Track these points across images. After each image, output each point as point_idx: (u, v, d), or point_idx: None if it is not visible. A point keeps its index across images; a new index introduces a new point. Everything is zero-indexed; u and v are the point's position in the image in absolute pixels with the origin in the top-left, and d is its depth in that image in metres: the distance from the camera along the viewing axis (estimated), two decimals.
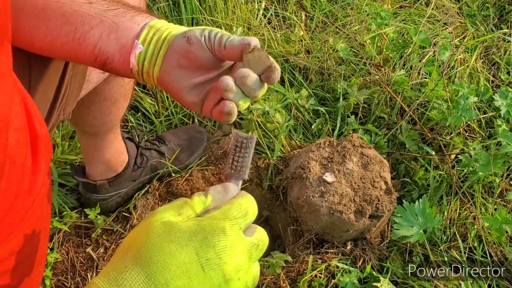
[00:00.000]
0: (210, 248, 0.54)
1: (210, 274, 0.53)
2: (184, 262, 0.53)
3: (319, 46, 1.83)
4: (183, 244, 0.54)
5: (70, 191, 1.53)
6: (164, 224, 0.56)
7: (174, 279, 0.52)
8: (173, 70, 0.71)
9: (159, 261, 0.53)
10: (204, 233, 0.55)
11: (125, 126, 1.67)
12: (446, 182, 1.48)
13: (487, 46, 1.92)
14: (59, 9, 0.75)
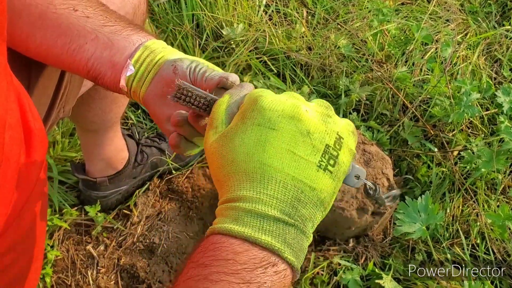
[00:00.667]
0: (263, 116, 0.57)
1: (282, 128, 0.56)
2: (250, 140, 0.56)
3: (321, 42, 1.82)
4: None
5: (70, 189, 1.52)
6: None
7: (259, 154, 0.55)
8: (157, 96, 0.71)
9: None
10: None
11: (125, 123, 1.66)
12: (448, 179, 1.47)
13: (489, 43, 1.91)
14: (56, 20, 0.75)
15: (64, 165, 1.52)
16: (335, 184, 0.56)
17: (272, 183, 0.53)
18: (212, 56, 1.80)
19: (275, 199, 0.52)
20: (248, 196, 0.53)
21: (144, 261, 1.39)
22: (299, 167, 0.54)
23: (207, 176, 1.54)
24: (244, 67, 1.76)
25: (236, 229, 0.51)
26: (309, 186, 0.54)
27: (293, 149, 0.54)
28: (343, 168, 0.57)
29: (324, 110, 0.59)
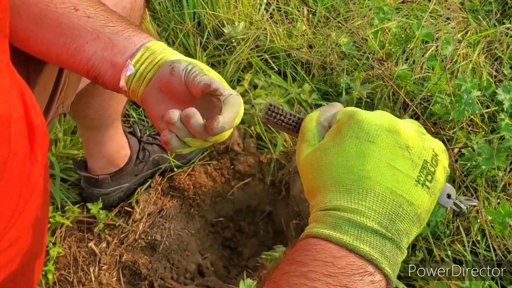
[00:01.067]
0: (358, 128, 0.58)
1: (382, 140, 0.56)
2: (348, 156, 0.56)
3: (322, 40, 1.83)
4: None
5: (72, 186, 1.53)
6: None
7: (358, 167, 0.55)
8: (154, 95, 0.72)
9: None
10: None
11: (127, 121, 1.66)
12: (449, 176, 1.48)
13: (489, 41, 1.91)
14: (57, 19, 0.75)
15: (66, 162, 1.53)
16: (431, 200, 0.56)
17: (371, 195, 0.53)
18: (213, 54, 1.81)
19: (373, 211, 0.53)
20: (346, 207, 0.53)
21: (146, 258, 1.40)
22: (398, 180, 0.54)
23: (209, 173, 1.54)
24: (245, 65, 1.76)
25: (335, 235, 0.52)
26: (407, 201, 0.54)
27: (392, 163, 0.54)
28: (439, 185, 0.57)
29: (418, 127, 0.59)
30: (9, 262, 0.66)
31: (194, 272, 1.41)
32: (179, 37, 1.81)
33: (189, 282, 1.37)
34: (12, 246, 0.65)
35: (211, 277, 1.39)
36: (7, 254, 0.65)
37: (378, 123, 0.56)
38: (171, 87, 0.71)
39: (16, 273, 0.69)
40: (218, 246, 1.52)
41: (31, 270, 0.76)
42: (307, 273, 0.49)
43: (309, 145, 0.60)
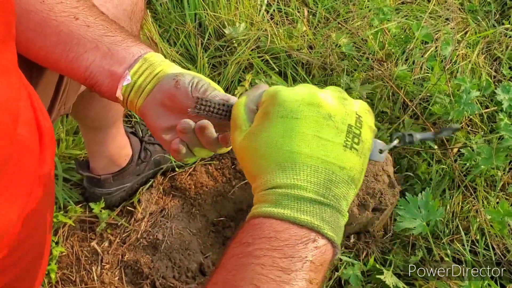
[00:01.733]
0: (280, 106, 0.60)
1: (306, 113, 0.59)
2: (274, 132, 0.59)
3: (322, 41, 1.84)
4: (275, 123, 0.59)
5: (74, 186, 1.54)
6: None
7: (287, 143, 0.58)
8: (155, 107, 0.73)
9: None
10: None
11: (129, 121, 1.68)
12: (448, 176, 1.49)
13: (489, 42, 1.93)
14: (56, 27, 0.76)
15: (69, 162, 1.54)
16: (362, 161, 0.59)
17: (304, 168, 0.56)
18: (214, 55, 1.82)
19: (308, 183, 0.55)
20: (283, 183, 0.56)
21: (148, 257, 1.41)
22: (327, 149, 0.57)
23: (210, 173, 1.56)
24: (246, 65, 1.77)
25: (276, 211, 0.54)
26: (339, 166, 0.56)
27: (318, 134, 0.57)
28: (367, 145, 0.60)
29: (339, 94, 0.62)
30: (17, 261, 0.67)
31: (196, 271, 1.42)
32: (180, 38, 1.82)
33: (191, 281, 1.38)
34: (21, 245, 0.66)
35: None
36: (15, 254, 0.66)
37: (299, 98, 0.59)
38: (175, 100, 0.72)
39: (23, 272, 0.70)
40: (219, 245, 1.53)
41: (36, 269, 0.77)
42: (253, 251, 0.52)
43: (241, 132, 0.62)
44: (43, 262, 0.78)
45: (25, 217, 0.64)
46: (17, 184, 0.58)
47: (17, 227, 0.62)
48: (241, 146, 0.61)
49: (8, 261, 0.64)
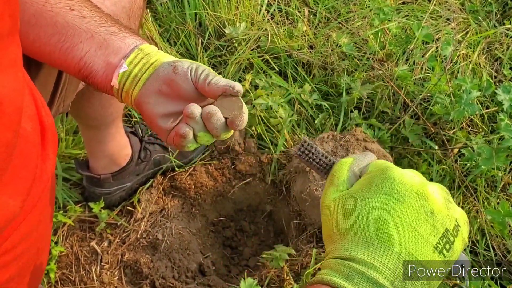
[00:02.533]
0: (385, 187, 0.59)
1: (407, 202, 0.57)
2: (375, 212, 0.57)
3: (322, 41, 1.84)
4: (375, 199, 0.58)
5: (74, 186, 1.54)
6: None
7: (384, 225, 0.56)
8: (152, 95, 0.73)
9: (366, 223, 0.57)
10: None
11: (128, 121, 1.67)
12: (449, 176, 1.49)
13: (490, 42, 1.92)
14: (51, 18, 0.76)
15: (68, 162, 1.54)
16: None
17: (388, 253, 0.54)
18: (214, 54, 1.82)
19: (387, 269, 0.53)
20: (362, 259, 0.54)
21: (148, 257, 1.40)
22: (417, 243, 0.55)
23: (210, 173, 1.55)
24: (246, 65, 1.77)
25: (346, 286, 0.52)
26: (422, 265, 0.55)
27: (415, 225, 0.55)
28: (455, 255, 0.58)
29: (445, 194, 0.60)
30: (19, 255, 0.67)
31: (195, 271, 1.42)
32: (180, 37, 1.82)
33: (190, 281, 1.38)
34: (24, 241, 0.66)
35: (212, 276, 1.39)
36: (18, 249, 0.66)
37: (408, 183, 0.57)
38: (174, 86, 0.72)
39: (24, 268, 0.70)
40: (219, 245, 1.53)
41: (36, 266, 0.77)
42: None
43: (337, 190, 0.61)
44: (42, 259, 0.78)
45: (28, 211, 0.64)
46: (20, 177, 0.58)
47: (18, 220, 0.62)
48: (332, 204, 0.60)
49: (10, 256, 0.64)
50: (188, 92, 0.72)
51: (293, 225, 1.46)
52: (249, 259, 1.48)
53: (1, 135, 0.46)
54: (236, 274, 1.45)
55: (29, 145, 0.61)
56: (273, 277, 1.30)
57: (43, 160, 0.67)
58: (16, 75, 0.49)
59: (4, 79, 0.46)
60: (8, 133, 0.47)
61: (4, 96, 0.46)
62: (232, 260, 1.50)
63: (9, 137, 0.48)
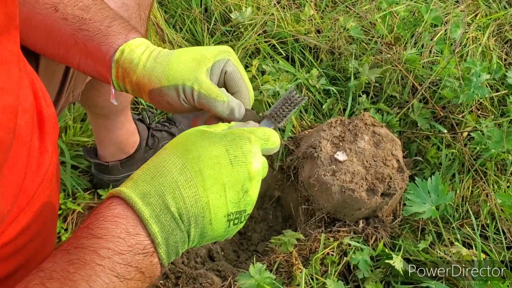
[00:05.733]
0: (238, 148, 0.61)
1: (237, 169, 0.60)
2: (215, 155, 0.60)
3: (330, 25, 1.82)
4: (215, 141, 0.61)
5: (82, 173, 1.54)
6: (198, 130, 0.64)
7: (207, 168, 0.59)
8: (161, 104, 0.74)
9: (193, 152, 0.59)
10: (233, 136, 0.62)
11: (136, 108, 1.67)
12: (458, 160, 1.48)
13: (499, 24, 1.89)
14: (41, 22, 0.75)
15: (77, 150, 1.54)
16: (224, 234, 0.62)
17: (192, 190, 0.57)
18: (220, 40, 1.81)
19: (184, 203, 0.57)
20: (173, 181, 0.57)
21: None
22: (219, 201, 0.59)
23: None
24: (252, 51, 1.76)
25: (138, 204, 0.55)
26: (210, 220, 0.59)
27: (227, 188, 0.60)
28: (232, 234, 0.64)
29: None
30: (20, 249, 0.67)
31: (205, 256, 1.42)
32: (186, 23, 1.81)
33: (200, 266, 1.38)
34: (23, 233, 0.66)
35: (221, 261, 1.40)
36: (18, 242, 0.66)
37: (249, 156, 0.62)
38: (175, 109, 0.74)
39: (28, 260, 0.70)
40: None
41: (43, 255, 0.77)
42: (98, 249, 0.52)
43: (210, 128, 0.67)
44: (49, 248, 0.79)
45: (22, 206, 0.64)
46: (10, 174, 0.58)
47: (12, 216, 0.62)
48: (195, 131, 0.65)
49: (10, 248, 0.64)
50: (192, 108, 0.74)
51: (301, 211, 1.46)
52: (257, 245, 1.49)
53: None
54: (245, 259, 1.45)
55: (20, 142, 0.60)
56: (282, 262, 1.30)
57: (40, 153, 0.67)
58: (8, 72, 0.48)
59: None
60: (0, 132, 0.47)
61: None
62: (241, 246, 1.50)
63: (1, 135, 0.47)
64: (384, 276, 1.25)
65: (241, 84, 0.74)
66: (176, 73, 0.71)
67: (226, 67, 0.74)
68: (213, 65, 0.73)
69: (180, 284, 1.29)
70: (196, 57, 0.72)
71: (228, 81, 0.74)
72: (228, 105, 0.70)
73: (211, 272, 1.34)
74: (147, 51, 0.73)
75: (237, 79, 0.74)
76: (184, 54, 0.73)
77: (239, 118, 0.71)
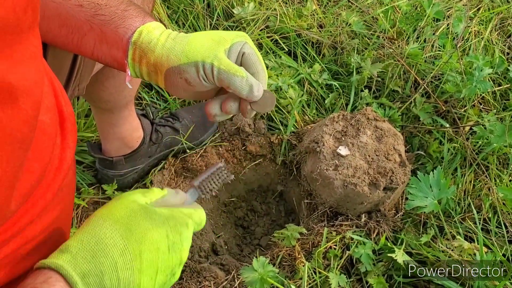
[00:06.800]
0: (177, 234, 0.63)
1: (172, 256, 0.62)
2: (156, 239, 0.61)
3: (332, 20, 1.82)
4: (159, 225, 0.62)
5: (87, 168, 1.56)
6: (142, 206, 0.63)
7: (146, 252, 0.59)
8: (178, 89, 0.75)
9: (136, 234, 0.59)
10: (175, 221, 0.64)
11: (139, 103, 1.68)
12: (460, 154, 1.48)
13: (502, 18, 1.89)
14: (56, 9, 0.76)
15: (81, 145, 1.55)
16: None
17: (129, 272, 0.58)
18: None
19: (118, 285, 0.58)
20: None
21: None
22: (149, 283, 0.61)
23: (220, 154, 1.56)
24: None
25: (79, 286, 0.55)
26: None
27: (159, 272, 0.61)
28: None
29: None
30: (39, 246, 0.68)
31: (209, 250, 1.44)
32: (189, 19, 1.81)
33: (204, 260, 1.40)
34: (45, 230, 0.67)
35: (224, 255, 1.41)
36: (39, 239, 0.67)
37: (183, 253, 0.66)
38: (195, 90, 0.75)
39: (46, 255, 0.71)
40: (231, 225, 1.55)
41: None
42: None
43: (144, 198, 0.67)
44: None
45: (49, 202, 0.65)
46: (30, 171, 0.59)
47: (46, 210, 0.63)
48: (134, 205, 0.64)
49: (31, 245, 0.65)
50: (211, 87, 0.74)
51: (304, 205, 1.47)
52: (260, 239, 1.50)
53: (17, 131, 0.46)
54: (248, 253, 1.46)
55: (46, 138, 0.62)
56: (285, 255, 1.31)
57: (63, 150, 0.67)
58: (37, 67, 0.49)
59: (26, 71, 0.47)
60: (24, 128, 0.48)
61: (23, 89, 0.46)
62: (244, 240, 1.52)
63: (25, 132, 0.48)
64: (386, 270, 1.26)
65: (258, 65, 0.75)
66: (195, 51, 0.72)
67: (243, 49, 0.75)
68: (231, 46, 0.74)
69: (184, 277, 1.30)
70: (215, 38, 0.74)
71: (246, 62, 0.75)
72: (247, 81, 0.71)
73: (214, 266, 1.35)
74: (165, 33, 0.75)
75: (254, 61, 0.75)
76: (202, 35, 0.74)
77: (257, 96, 0.73)
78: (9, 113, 0.44)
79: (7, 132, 0.45)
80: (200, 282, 1.29)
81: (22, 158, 0.50)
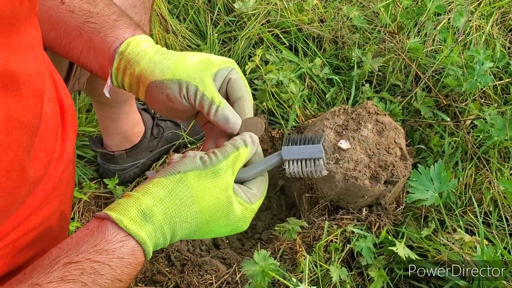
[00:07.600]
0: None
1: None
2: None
3: (333, 14, 1.82)
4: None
5: (88, 163, 1.56)
6: (228, 199, 0.69)
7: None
8: (157, 104, 0.75)
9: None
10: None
11: None
12: (461, 148, 1.48)
13: (503, 12, 1.89)
14: (46, 12, 0.76)
15: (82, 140, 1.56)
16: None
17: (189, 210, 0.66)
18: (224, 30, 1.81)
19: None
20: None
21: None
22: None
23: None
24: (256, 40, 1.76)
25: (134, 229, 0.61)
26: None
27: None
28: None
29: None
30: (38, 238, 0.68)
31: (210, 244, 1.44)
32: (190, 13, 1.81)
33: (205, 254, 1.40)
34: (44, 222, 0.68)
35: (226, 249, 1.42)
36: (38, 230, 0.67)
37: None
38: (175, 108, 0.74)
39: (46, 246, 0.72)
40: None
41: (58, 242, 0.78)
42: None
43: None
44: (63, 236, 0.80)
45: (50, 191, 0.65)
46: (38, 160, 0.59)
47: (34, 203, 0.64)
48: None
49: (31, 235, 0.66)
50: (189, 108, 0.74)
51: (305, 199, 1.47)
52: (262, 233, 1.50)
53: (22, 117, 0.47)
54: (250, 247, 1.47)
55: (49, 129, 0.62)
56: (286, 249, 1.32)
57: (63, 141, 0.68)
58: (36, 56, 0.50)
59: (25, 60, 0.47)
60: (28, 115, 0.48)
61: (25, 77, 0.47)
62: (245, 234, 1.52)
63: (30, 119, 0.48)
64: (387, 263, 1.27)
65: (244, 91, 0.75)
66: (183, 69, 0.72)
67: (230, 75, 0.75)
68: (218, 71, 0.74)
69: (186, 271, 1.31)
70: (204, 60, 0.74)
71: (231, 88, 0.75)
72: (223, 112, 0.72)
73: (216, 259, 1.36)
74: (154, 47, 0.75)
75: (241, 86, 0.75)
76: (192, 55, 0.74)
77: (233, 128, 0.74)
78: (12, 100, 0.44)
79: (15, 117, 0.45)
80: (202, 276, 1.29)
81: (29, 144, 0.51)
